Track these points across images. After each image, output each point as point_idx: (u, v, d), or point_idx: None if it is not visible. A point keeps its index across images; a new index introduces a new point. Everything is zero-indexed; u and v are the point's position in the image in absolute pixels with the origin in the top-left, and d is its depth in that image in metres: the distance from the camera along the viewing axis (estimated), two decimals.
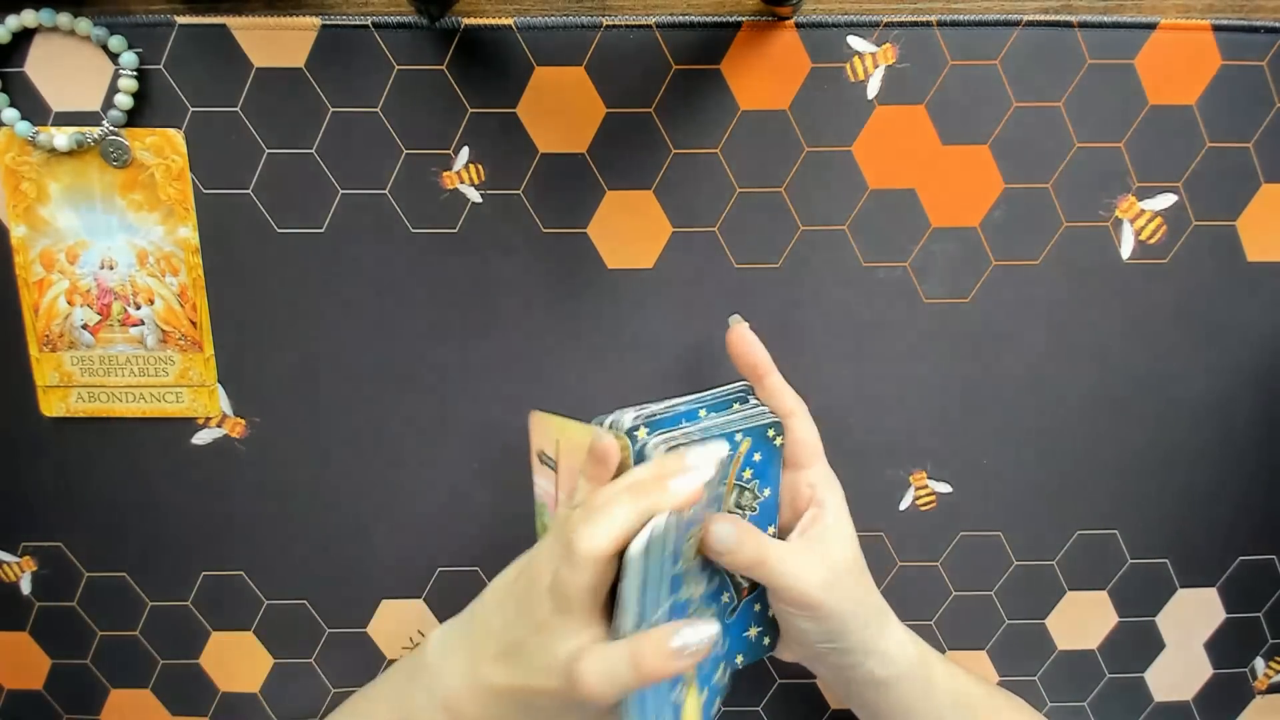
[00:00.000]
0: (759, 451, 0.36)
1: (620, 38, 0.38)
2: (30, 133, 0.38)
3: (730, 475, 0.35)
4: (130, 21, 0.37)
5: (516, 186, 0.40)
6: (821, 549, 0.36)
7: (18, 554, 0.45)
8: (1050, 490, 0.45)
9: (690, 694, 0.34)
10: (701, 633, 0.29)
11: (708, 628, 0.29)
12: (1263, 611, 0.47)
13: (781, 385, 0.38)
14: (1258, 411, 0.44)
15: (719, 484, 0.34)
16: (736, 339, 0.38)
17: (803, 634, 0.36)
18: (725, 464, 0.32)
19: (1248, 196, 0.41)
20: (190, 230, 0.40)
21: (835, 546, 0.36)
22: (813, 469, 0.38)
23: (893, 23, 0.38)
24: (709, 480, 0.30)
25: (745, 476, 0.36)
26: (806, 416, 0.38)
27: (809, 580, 0.34)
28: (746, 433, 0.35)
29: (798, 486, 0.37)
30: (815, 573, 0.35)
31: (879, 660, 0.36)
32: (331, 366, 0.42)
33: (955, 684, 0.39)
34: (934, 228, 0.41)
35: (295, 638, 0.46)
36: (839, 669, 0.37)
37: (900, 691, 0.37)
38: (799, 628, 0.36)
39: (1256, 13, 0.39)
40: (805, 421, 0.38)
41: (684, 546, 0.32)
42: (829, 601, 0.35)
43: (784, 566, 0.34)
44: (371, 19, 0.38)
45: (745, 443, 0.35)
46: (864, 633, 0.36)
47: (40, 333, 0.41)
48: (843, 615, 0.35)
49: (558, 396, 0.43)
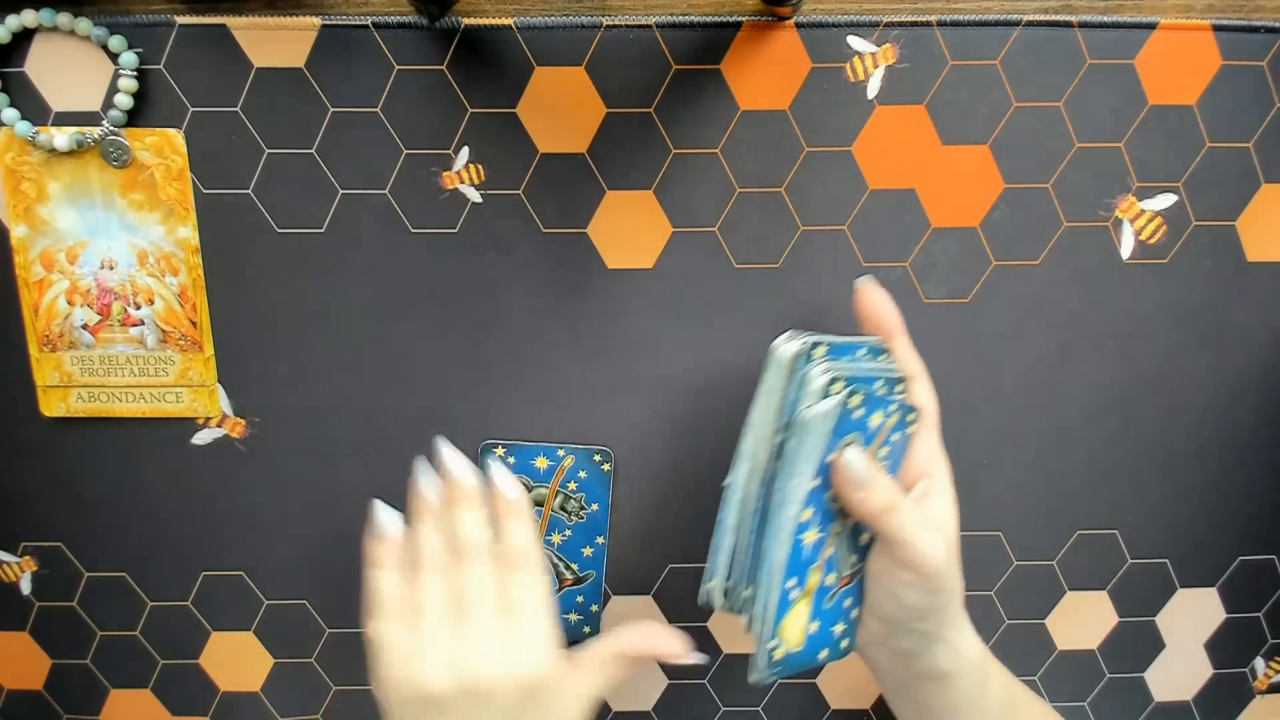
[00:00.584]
0: (899, 431, 0.35)
1: (620, 38, 0.38)
2: (30, 133, 0.38)
3: (875, 443, 0.35)
4: (130, 21, 0.37)
5: (516, 186, 0.40)
6: (936, 518, 0.35)
7: (18, 554, 0.45)
8: (1050, 490, 0.45)
9: (801, 607, 0.34)
10: None
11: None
12: (1263, 611, 0.47)
13: (908, 349, 0.37)
14: (1258, 411, 0.44)
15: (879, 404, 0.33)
16: (866, 299, 0.37)
17: (898, 608, 0.34)
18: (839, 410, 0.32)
19: (1248, 196, 0.41)
20: (190, 230, 0.40)
21: (947, 520, 0.35)
22: (931, 436, 0.36)
23: (893, 23, 0.38)
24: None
25: (883, 453, 0.35)
26: (927, 383, 0.37)
27: (933, 544, 0.33)
28: (901, 408, 0.35)
29: (915, 453, 0.36)
30: (938, 538, 0.33)
31: (947, 652, 0.35)
32: (331, 366, 0.42)
33: (1007, 690, 0.38)
34: (934, 228, 0.41)
35: (295, 638, 0.46)
36: (905, 657, 0.36)
37: (959, 688, 0.36)
38: (899, 599, 0.34)
39: (1256, 13, 0.39)
40: (925, 388, 0.37)
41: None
42: (944, 572, 0.33)
43: (914, 521, 0.33)
44: (371, 19, 0.38)
45: (894, 418, 0.35)
46: (947, 618, 0.35)
47: (40, 333, 0.41)
48: (947, 592, 0.34)
49: (558, 396, 0.43)
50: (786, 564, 0.33)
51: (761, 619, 0.33)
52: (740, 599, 0.35)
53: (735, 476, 0.35)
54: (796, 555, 0.33)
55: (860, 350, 0.36)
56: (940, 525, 0.34)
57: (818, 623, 0.35)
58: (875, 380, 0.35)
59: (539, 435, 0.43)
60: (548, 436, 0.43)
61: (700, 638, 0.47)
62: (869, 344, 0.36)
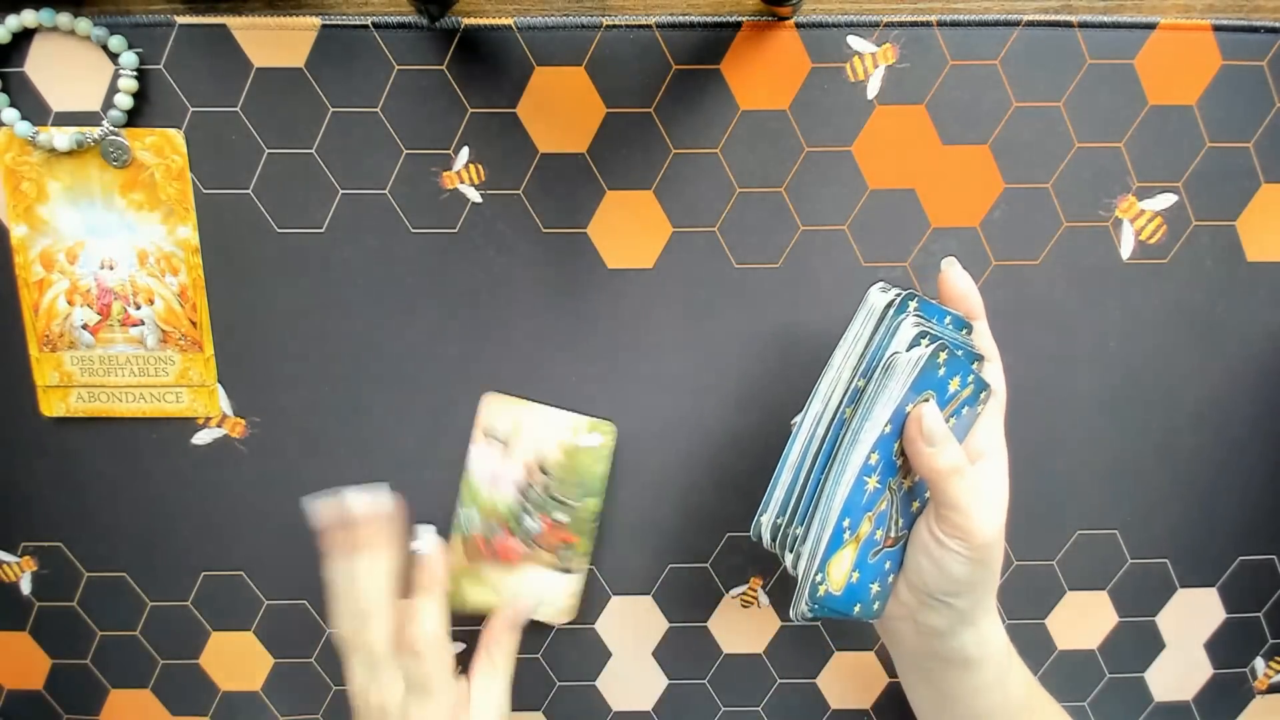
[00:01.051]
0: (968, 406, 0.36)
1: (620, 38, 0.38)
2: (30, 133, 0.38)
3: (955, 401, 0.35)
4: (130, 21, 0.37)
5: (516, 186, 0.40)
6: (992, 495, 0.35)
7: (18, 554, 0.45)
8: (1050, 490, 0.45)
9: (850, 549, 0.34)
10: None
11: None
12: (1263, 611, 0.47)
13: (985, 331, 0.37)
14: (1258, 411, 0.44)
15: (950, 370, 0.34)
16: (952, 279, 0.37)
17: (939, 577, 0.34)
18: (926, 367, 0.33)
19: (1248, 196, 0.41)
20: (190, 230, 0.40)
21: (1001, 500, 0.35)
22: (993, 420, 0.37)
23: (893, 23, 0.38)
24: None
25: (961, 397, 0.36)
26: (998, 366, 0.37)
27: (988, 516, 0.33)
28: (977, 385, 0.35)
29: (976, 433, 0.36)
30: (994, 510, 0.33)
31: (975, 637, 0.35)
32: (331, 366, 0.42)
33: (1028, 690, 0.38)
34: (934, 228, 0.41)
35: (295, 638, 0.46)
36: (932, 635, 0.35)
37: (980, 677, 0.36)
38: (941, 568, 0.34)
39: (1256, 13, 0.39)
40: (998, 372, 0.37)
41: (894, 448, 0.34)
42: (993, 546, 0.33)
43: (975, 489, 0.33)
44: (371, 19, 0.38)
45: (966, 390, 0.35)
46: (981, 599, 0.35)
47: (40, 333, 0.41)
48: (990, 570, 0.34)
49: (558, 396, 0.43)
50: (845, 502, 0.33)
51: (812, 554, 0.34)
52: (789, 535, 0.35)
53: (804, 416, 0.36)
54: (857, 496, 0.33)
55: (946, 319, 0.36)
56: (996, 502, 0.34)
57: (858, 573, 0.35)
58: (960, 348, 0.35)
59: None
60: None
61: (700, 638, 0.47)
62: (954, 316, 0.37)
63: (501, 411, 0.39)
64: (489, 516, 0.43)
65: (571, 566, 0.44)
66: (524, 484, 0.42)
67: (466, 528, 0.43)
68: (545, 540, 0.43)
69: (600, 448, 0.42)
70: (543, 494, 0.43)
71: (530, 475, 0.42)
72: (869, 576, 0.35)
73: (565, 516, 0.43)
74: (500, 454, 0.40)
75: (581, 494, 0.43)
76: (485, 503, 0.43)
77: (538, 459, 0.42)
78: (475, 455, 0.42)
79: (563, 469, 0.42)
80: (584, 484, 0.43)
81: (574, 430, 0.42)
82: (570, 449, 0.42)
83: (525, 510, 0.43)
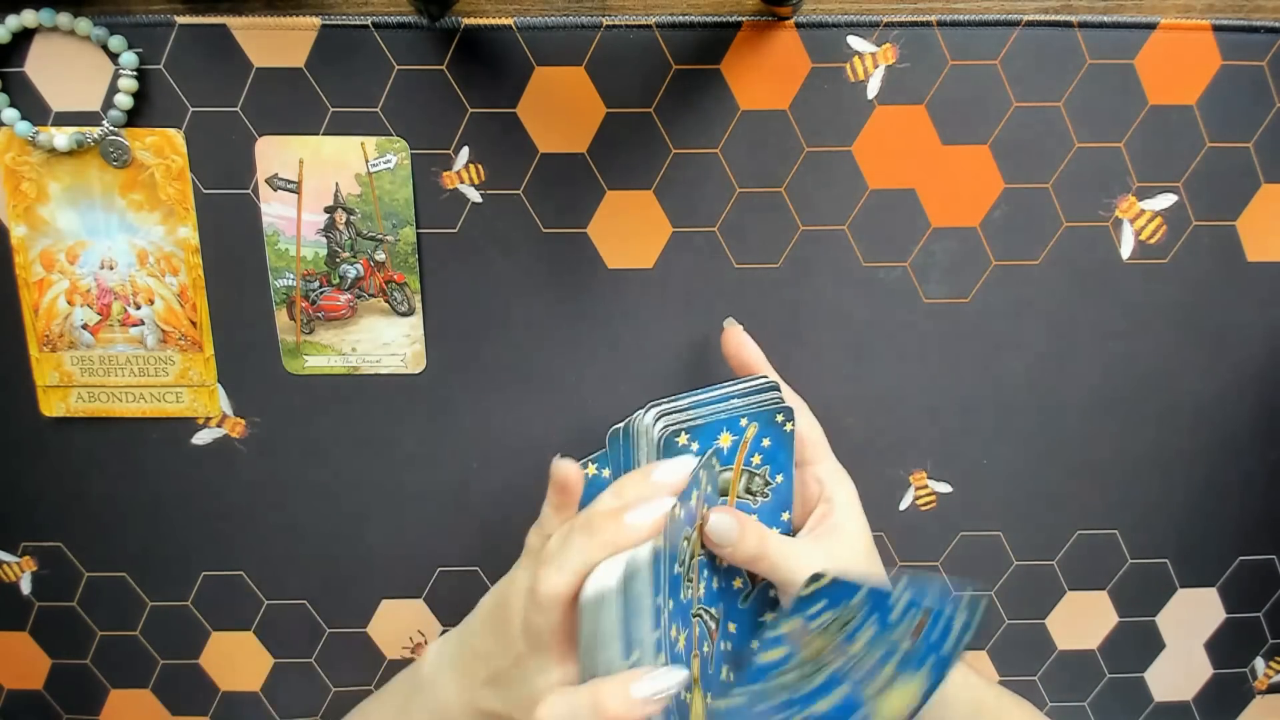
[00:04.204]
0: (767, 437, 0.35)
1: (620, 38, 0.38)
2: (30, 133, 0.38)
3: (738, 461, 0.35)
4: (130, 21, 0.37)
5: (516, 186, 0.40)
6: (828, 544, 0.35)
7: (18, 554, 0.45)
8: (1050, 490, 0.45)
9: (695, 697, 0.34)
10: (667, 680, 0.28)
11: (674, 675, 0.28)
12: (1263, 611, 0.47)
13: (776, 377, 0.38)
14: (1258, 411, 0.44)
15: (708, 483, 0.34)
16: (728, 340, 0.39)
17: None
18: (701, 470, 0.32)
19: (1248, 196, 0.41)
20: (190, 230, 0.40)
21: (843, 542, 0.36)
22: (819, 465, 0.37)
23: (893, 23, 0.38)
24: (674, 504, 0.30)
25: (754, 462, 0.36)
26: (807, 413, 0.38)
27: (806, 569, 0.34)
28: (752, 418, 0.35)
29: (806, 483, 0.37)
30: (818, 567, 0.34)
31: None
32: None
33: (971, 692, 0.38)
34: (934, 228, 0.41)
35: (295, 638, 0.46)
36: None
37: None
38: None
39: (1256, 13, 0.39)
40: (806, 418, 0.38)
41: (681, 546, 0.32)
42: (859, 565, 0.34)
43: (786, 561, 0.34)
44: (371, 19, 0.38)
45: (752, 428, 0.35)
46: None
47: (40, 333, 0.41)
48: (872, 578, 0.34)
49: (558, 396, 0.43)
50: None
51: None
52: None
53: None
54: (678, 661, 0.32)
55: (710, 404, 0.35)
56: (829, 551, 0.35)
57: (710, 695, 0.35)
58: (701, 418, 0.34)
59: (539, 435, 0.43)
60: (547, 436, 0.43)
61: None
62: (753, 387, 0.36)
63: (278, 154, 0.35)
64: (304, 274, 0.40)
65: (408, 307, 0.41)
66: (328, 228, 0.39)
67: (287, 295, 0.40)
68: (370, 284, 0.40)
69: (398, 168, 0.39)
70: (351, 234, 0.39)
71: (334, 217, 0.39)
72: (722, 691, 0.35)
73: (383, 254, 0.40)
74: (293, 201, 0.36)
75: (393, 225, 0.39)
76: (294, 259, 0.39)
77: (335, 197, 0.39)
78: (266, 209, 0.38)
79: (364, 202, 0.39)
80: (392, 213, 0.40)
81: (364, 156, 0.38)
82: (364, 179, 0.39)
83: (338, 257, 0.40)
